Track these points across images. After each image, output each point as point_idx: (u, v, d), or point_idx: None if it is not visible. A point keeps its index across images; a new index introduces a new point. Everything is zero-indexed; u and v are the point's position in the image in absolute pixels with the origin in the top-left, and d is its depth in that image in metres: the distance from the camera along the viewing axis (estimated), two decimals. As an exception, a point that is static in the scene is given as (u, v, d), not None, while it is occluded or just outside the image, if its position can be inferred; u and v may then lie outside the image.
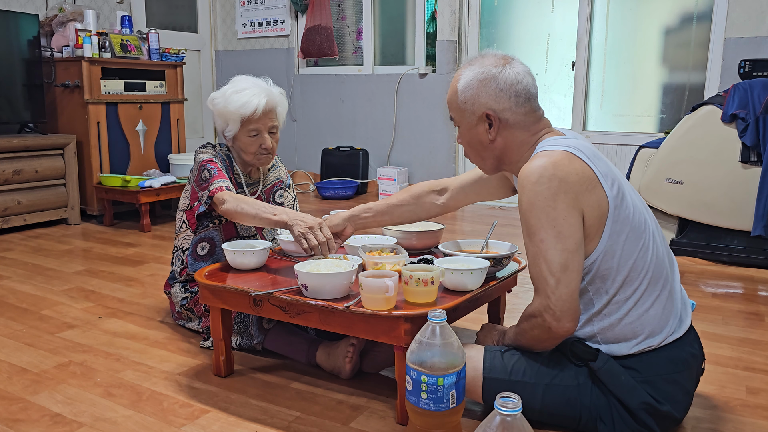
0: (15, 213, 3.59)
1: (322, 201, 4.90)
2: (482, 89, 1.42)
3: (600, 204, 1.33)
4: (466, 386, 1.45)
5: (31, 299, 2.47)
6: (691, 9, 4.01)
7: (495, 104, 1.42)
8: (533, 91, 1.45)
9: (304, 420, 1.55)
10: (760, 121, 2.84)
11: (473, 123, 1.46)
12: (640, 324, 1.37)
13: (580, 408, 1.41)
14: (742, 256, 2.99)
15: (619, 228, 1.34)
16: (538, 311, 1.35)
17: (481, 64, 1.44)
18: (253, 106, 1.95)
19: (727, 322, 2.27)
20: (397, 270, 1.60)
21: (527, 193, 1.32)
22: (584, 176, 1.32)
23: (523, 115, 1.44)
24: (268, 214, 1.79)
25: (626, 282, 1.36)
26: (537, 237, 1.32)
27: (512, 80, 1.41)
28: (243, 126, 1.99)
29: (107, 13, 4.60)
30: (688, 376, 1.42)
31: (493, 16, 4.68)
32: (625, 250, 1.35)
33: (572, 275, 1.31)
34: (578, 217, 1.31)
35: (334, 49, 5.18)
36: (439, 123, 4.83)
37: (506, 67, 1.42)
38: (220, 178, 1.96)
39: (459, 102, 1.47)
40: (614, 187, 1.35)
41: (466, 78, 1.45)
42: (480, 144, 1.48)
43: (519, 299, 2.43)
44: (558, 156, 1.33)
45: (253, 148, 2.02)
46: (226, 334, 1.76)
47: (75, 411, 1.59)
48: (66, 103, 3.93)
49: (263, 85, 2.03)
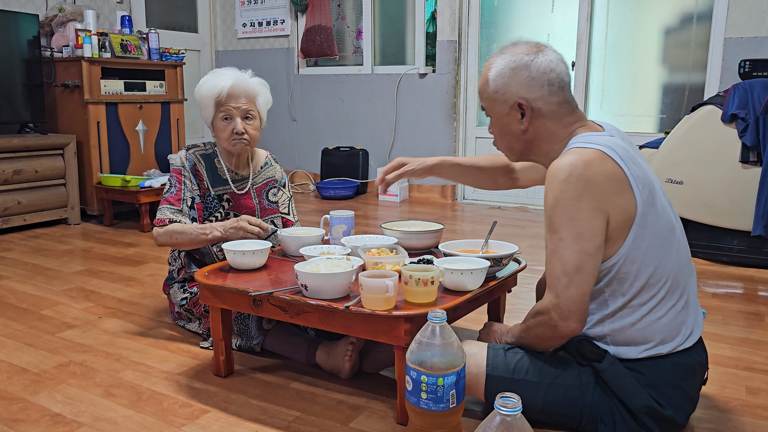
0: (15, 213, 3.59)
1: (322, 201, 4.90)
2: (514, 78, 1.39)
3: (627, 208, 1.30)
4: (468, 383, 1.45)
5: (31, 299, 2.47)
6: (691, 9, 4.01)
7: (527, 93, 1.39)
8: (566, 80, 1.41)
9: (304, 420, 1.55)
10: (760, 121, 2.84)
11: (505, 112, 1.43)
12: (652, 331, 1.36)
13: (582, 408, 1.41)
14: (742, 256, 2.99)
15: (644, 233, 1.32)
16: (546, 308, 1.34)
17: (513, 52, 1.41)
18: (220, 87, 2.02)
19: (727, 322, 2.27)
20: (397, 270, 1.60)
21: (554, 190, 1.30)
22: (614, 179, 1.29)
23: (556, 104, 1.40)
24: (202, 236, 1.95)
25: (644, 288, 1.35)
26: (557, 235, 1.31)
27: (545, 68, 1.38)
28: (216, 110, 2.05)
29: (107, 13, 4.60)
30: (692, 383, 1.41)
31: (493, 16, 4.68)
32: (647, 256, 1.33)
33: (585, 277, 1.30)
34: (602, 220, 1.29)
35: (334, 49, 5.18)
36: (439, 123, 4.83)
37: (539, 54, 1.39)
38: (169, 204, 2.04)
39: (490, 91, 1.43)
40: (645, 191, 1.32)
41: (497, 66, 1.42)
42: (511, 134, 1.45)
43: (519, 299, 2.43)
44: (590, 155, 1.30)
45: (226, 133, 2.06)
46: (226, 334, 1.76)
47: (75, 411, 1.59)
48: (66, 103, 3.93)
49: (237, 73, 2.08)
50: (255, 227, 1.96)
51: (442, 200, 4.88)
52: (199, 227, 1.96)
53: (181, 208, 2.04)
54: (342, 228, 2.00)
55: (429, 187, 4.96)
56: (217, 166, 2.13)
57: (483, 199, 4.83)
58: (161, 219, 2.01)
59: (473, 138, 4.82)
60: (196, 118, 5.34)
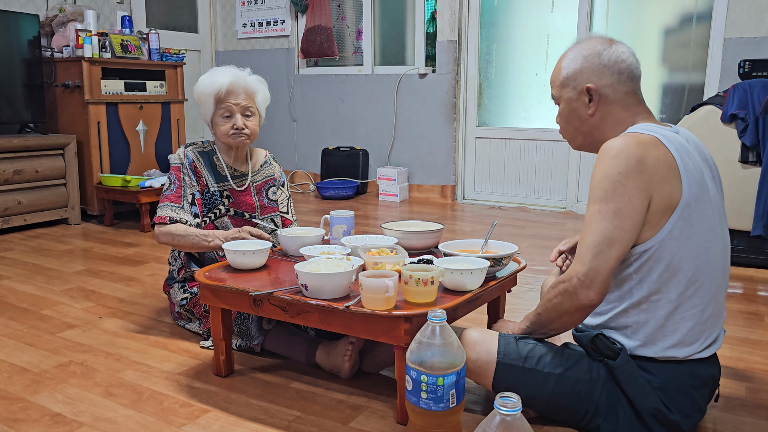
0: (15, 213, 3.59)
1: (322, 201, 4.90)
2: (586, 64, 1.44)
3: (672, 195, 1.31)
4: (477, 370, 1.44)
5: (31, 299, 2.48)
6: (691, 9, 4.01)
7: (597, 79, 1.43)
8: (637, 73, 1.45)
9: (304, 420, 1.55)
10: (760, 121, 2.84)
11: (574, 97, 1.46)
12: (673, 330, 1.35)
13: (588, 403, 1.41)
14: (742, 256, 2.99)
15: (683, 227, 1.32)
16: (569, 276, 1.33)
17: (587, 42, 1.47)
18: (219, 83, 2.04)
19: (726, 322, 2.27)
20: (397, 270, 1.60)
21: (603, 165, 1.32)
22: (665, 163, 1.31)
23: (624, 93, 1.43)
24: (203, 242, 1.97)
25: (672, 282, 1.34)
26: (596, 206, 1.32)
27: (617, 58, 1.42)
28: (216, 107, 2.07)
29: (107, 14, 4.60)
30: (702, 394, 1.40)
31: (493, 16, 4.68)
32: (682, 251, 1.32)
33: (614, 253, 1.29)
34: (644, 200, 1.30)
35: (334, 50, 5.18)
36: (439, 123, 4.83)
37: (612, 46, 1.44)
38: (169, 202, 2.05)
39: (562, 77, 1.47)
40: (695, 187, 1.32)
41: (571, 55, 1.47)
42: (578, 118, 1.48)
43: (519, 299, 2.43)
44: (645, 138, 1.33)
45: (226, 128, 2.08)
46: (227, 334, 1.77)
47: (75, 411, 1.59)
48: (66, 103, 3.93)
49: (236, 70, 2.11)
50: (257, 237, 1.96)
51: (442, 200, 4.88)
52: (202, 233, 1.97)
53: (182, 205, 2.05)
54: (342, 228, 2.01)
55: (429, 187, 4.96)
56: (216, 163, 2.14)
57: (483, 200, 4.83)
58: (162, 217, 2.03)
59: (473, 138, 4.82)
60: (196, 118, 5.34)
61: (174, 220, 2.01)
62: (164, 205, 2.05)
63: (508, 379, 1.42)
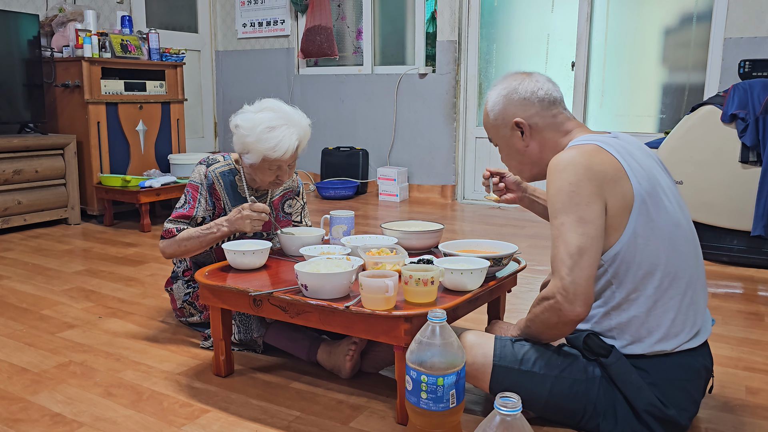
0: (15, 213, 3.59)
1: (322, 201, 4.90)
2: (507, 102, 1.52)
3: (625, 195, 1.34)
4: (474, 373, 1.45)
5: (31, 299, 2.48)
6: (691, 9, 4.01)
7: (522, 112, 1.51)
8: (557, 95, 1.52)
9: (304, 420, 1.55)
10: (760, 121, 2.84)
11: (507, 135, 1.54)
12: (657, 324, 1.37)
13: (586, 403, 1.41)
14: (742, 256, 2.99)
15: (644, 223, 1.35)
16: (551, 293, 1.34)
17: (503, 82, 1.56)
18: (284, 149, 1.86)
19: (727, 322, 2.27)
20: (397, 270, 1.60)
21: (555, 180, 1.37)
22: (610, 166, 1.35)
23: (551, 117, 1.51)
24: (210, 235, 1.89)
25: (647, 278, 1.36)
26: (558, 220, 1.35)
27: (533, 88, 1.51)
28: (265, 160, 1.89)
29: (107, 13, 4.60)
30: (696, 386, 1.42)
31: (493, 16, 4.68)
32: (649, 246, 1.35)
33: (589, 260, 1.31)
34: (601, 205, 1.34)
35: (334, 49, 5.18)
36: (439, 123, 4.83)
37: (526, 79, 1.52)
38: (180, 218, 1.96)
39: (491, 120, 1.56)
40: (644, 183, 1.36)
41: (491, 98, 1.56)
42: (518, 153, 1.55)
43: (519, 299, 2.43)
44: (587, 147, 1.39)
45: (270, 178, 1.96)
46: (226, 334, 1.76)
47: (75, 411, 1.59)
48: (66, 103, 3.93)
49: (296, 119, 1.93)
50: (259, 212, 1.85)
51: (442, 200, 4.88)
52: (205, 228, 1.90)
53: (190, 225, 1.98)
54: (342, 228, 2.01)
55: (429, 187, 4.96)
56: (238, 184, 2.05)
57: (483, 200, 4.83)
58: (169, 230, 1.94)
59: (473, 138, 4.82)
60: (196, 118, 5.35)
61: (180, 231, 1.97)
62: (174, 219, 1.97)
63: (505, 381, 1.43)
